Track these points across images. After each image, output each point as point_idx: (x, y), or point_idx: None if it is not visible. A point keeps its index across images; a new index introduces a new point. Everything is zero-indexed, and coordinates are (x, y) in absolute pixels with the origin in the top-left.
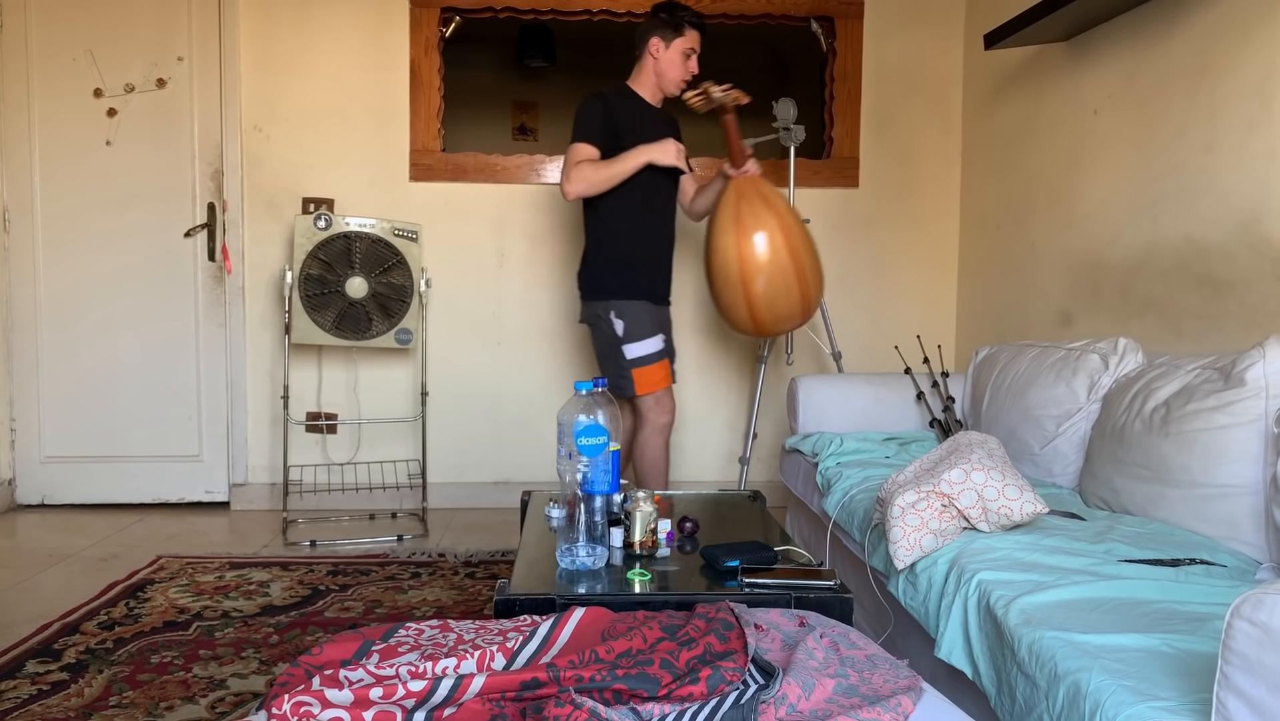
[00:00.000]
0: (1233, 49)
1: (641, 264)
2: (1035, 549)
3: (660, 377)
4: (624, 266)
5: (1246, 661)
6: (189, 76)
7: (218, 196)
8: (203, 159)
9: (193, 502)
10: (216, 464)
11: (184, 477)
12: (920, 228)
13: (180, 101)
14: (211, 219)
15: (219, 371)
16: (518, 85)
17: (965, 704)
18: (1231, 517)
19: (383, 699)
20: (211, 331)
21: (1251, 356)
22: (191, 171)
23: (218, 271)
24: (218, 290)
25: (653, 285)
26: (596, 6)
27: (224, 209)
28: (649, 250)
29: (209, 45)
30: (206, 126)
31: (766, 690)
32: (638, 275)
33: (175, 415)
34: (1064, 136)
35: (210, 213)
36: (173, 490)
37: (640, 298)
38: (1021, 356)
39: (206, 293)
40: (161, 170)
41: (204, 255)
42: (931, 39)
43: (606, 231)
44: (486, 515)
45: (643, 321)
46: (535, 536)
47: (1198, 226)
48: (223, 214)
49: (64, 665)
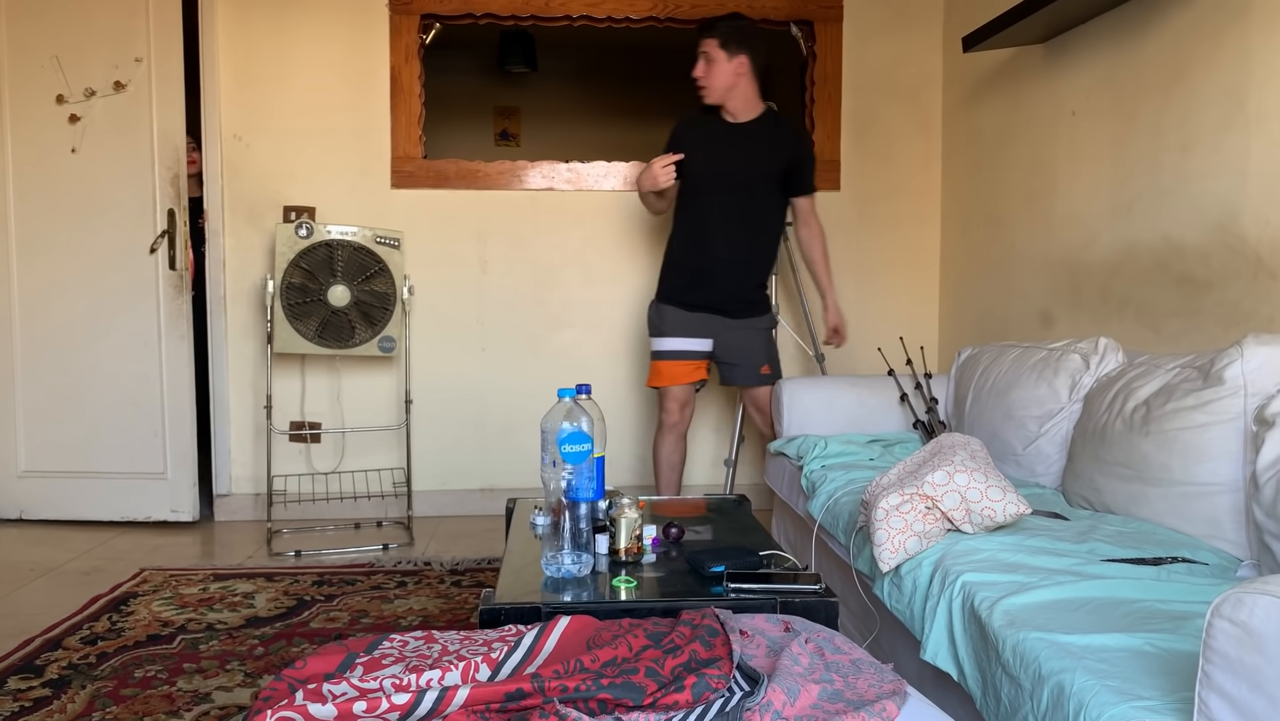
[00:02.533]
0: (1207, 51)
1: (681, 273)
2: (1019, 550)
3: (666, 376)
4: (666, 273)
5: (1227, 660)
6: (148, 78)
7: (177, 202)
8: (162, 163)
9: (158, 521)
10: (181, 482)
11: (150, 496)
12: (901, 230)
13: (140, 105)
14: (171, 226)
15: (183, 386)
16: (499, 91)
17: (950, 706)
18: (1212, 516)
19: (366, 712)
20: (174, 344)
21: (1230, 355)
22: (152, 177)
23: (179, 281)
24: (178, 301)
25: (687, 293)
26: (577, 12)
27: (204, 218)
28: (692, 262)
29: (168, 44)
30: (166, 129)
31: (751, 697)
32: (672, 284)
33: (141, 431)
34: (1042, 138)
35: (170, 220)
36: (138, 508)
37: (670, 302)
38: (1003, 357)
39: (168, 304)
40: (122, 177)
41: (165, 265)
42: (910, 42)
43: (668, 243)
44: (472, 522)
45: (668, 321)
46: (520, 544)
47: (1175, 226)
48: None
49: (46, 681)
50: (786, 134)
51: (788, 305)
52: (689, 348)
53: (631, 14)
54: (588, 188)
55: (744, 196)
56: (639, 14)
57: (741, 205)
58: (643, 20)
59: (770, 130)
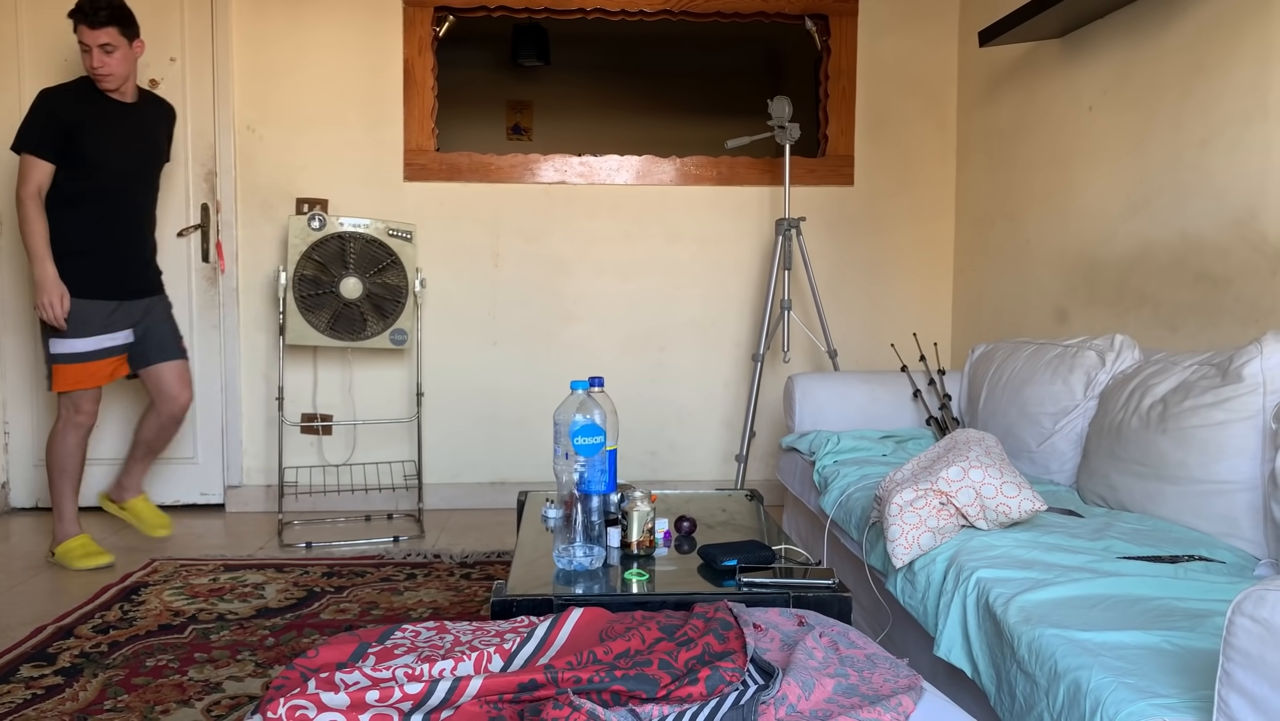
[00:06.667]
0: (1227, 44)
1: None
2: (1034, 546)
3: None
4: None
5: (1248, 658)
6: (181, 77)
7: (211, 198)
8: (196, 160)
9: (188, 505)
10: (211, 466)
11: (179, 480)
12: (915, 225)
13: (173, 102)
14: (205, 220)
15: (214, 373)
16: (512, 85)
17: (964, 702)
18: (1230, 514)
19: (379, 701)
20: (206, 333)
21: (1249, 352)
22: (185, 173)
23: (211, 273)
24: (211, 291)
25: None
26: (590, 5)
27: (218, 210)
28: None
29: (202, 46)
30: (200, 128)
31: (766, 690)
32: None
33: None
34: (1059, 133)
35: (204, 214)
36: (168, 492)
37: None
38: (1018, 354)
39: (200, 294)
40: None
41: (198, 257)
42: (926, 36)
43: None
44: (482, 516)
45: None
46: (532, 537)
47: (1193, 222)
48: (216, 214)
49: (58, 669)
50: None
51: (799, 301)
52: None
53: (645, 7)
54: (600, 181)
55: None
56: (653, 7)
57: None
58: (656, 14)
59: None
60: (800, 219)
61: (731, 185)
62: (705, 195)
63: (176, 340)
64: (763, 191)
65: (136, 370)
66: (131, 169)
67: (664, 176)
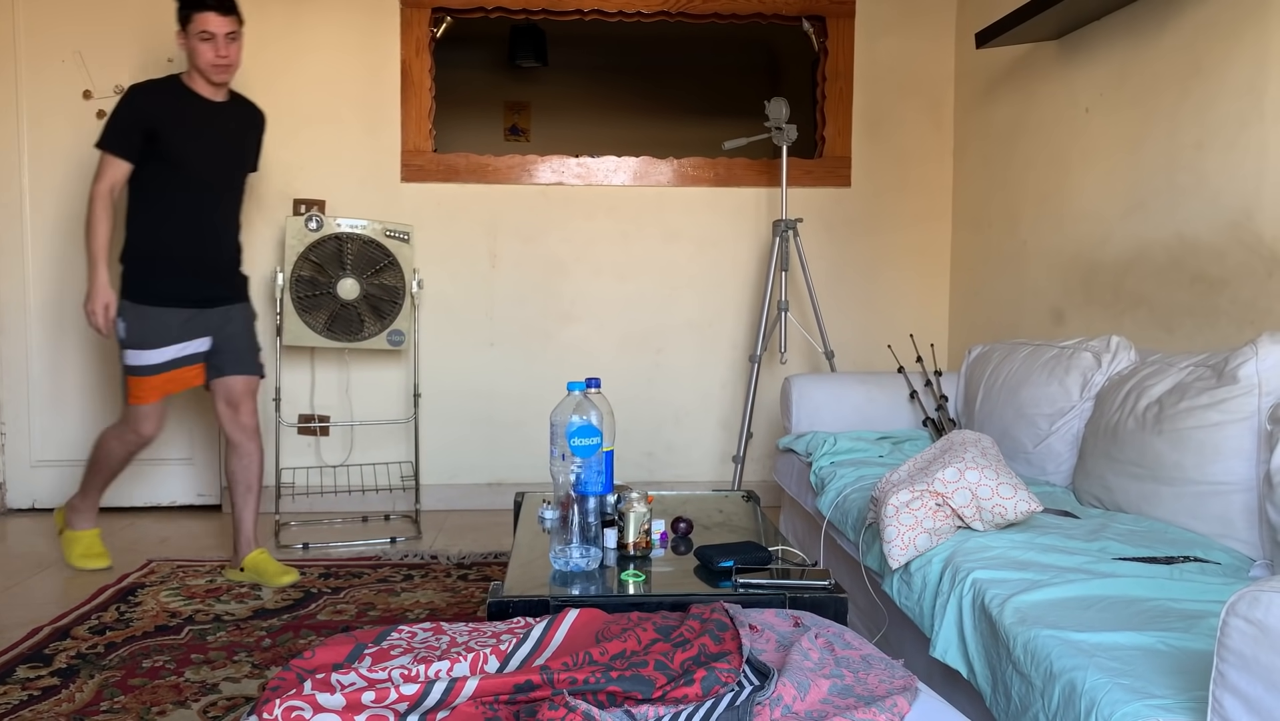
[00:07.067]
0: (1223, 46)
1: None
2: (1030, 547)
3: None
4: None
5: (1243, 659)
6: None
7: None
8: None
9: (184, 506)
10: (207, 467)
11: (175, 481)
12: (912, 226)
13: None
14: None
15: None
16: (509, 85)
17: (960, 703)
18: (1225, 515)
19: (375, 702)
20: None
21: (1244, 353)
22: None
23: None
24: None
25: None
26: (588, 6)
27: None
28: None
29: None
30: None
31: (761, 691)
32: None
33: (169, 418)
34: (1055, 135)
35: None
36: (164, 494)
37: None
38: (1014, 355)
39: None
40: None
41: None
42: (923, 38)
43: None
44: (479, 517)
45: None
46: (529, 538)
47: (1189, 224)
48: None
49: (55, 670)
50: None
51: (796, 302)
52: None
53: (643, 8)
54: (598, 182)
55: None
56: (650, 8)
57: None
58: (654, 15)
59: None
60: (797, 220)
61: (729, 186)
62: (703, 196)
63: (254, 353)
64: (760, 192)
65: (209, 381)
66: (215, 172)
67: (661, 177)
